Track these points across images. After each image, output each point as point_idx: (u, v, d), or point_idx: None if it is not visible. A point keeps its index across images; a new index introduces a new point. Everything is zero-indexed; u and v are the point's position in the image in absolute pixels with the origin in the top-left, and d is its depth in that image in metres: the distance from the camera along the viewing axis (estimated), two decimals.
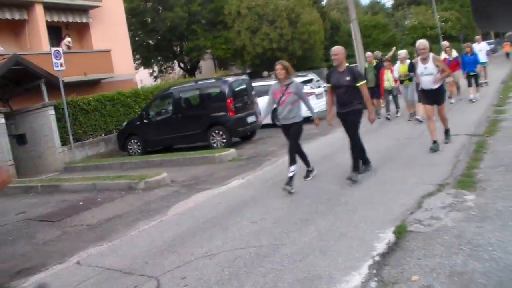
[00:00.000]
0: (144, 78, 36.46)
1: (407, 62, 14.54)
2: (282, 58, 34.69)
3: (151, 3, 38.52)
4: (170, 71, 42.25)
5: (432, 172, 7.93)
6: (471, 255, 4.50)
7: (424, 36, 52.69)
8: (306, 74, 21.08)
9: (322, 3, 50.36)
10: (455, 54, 17.67)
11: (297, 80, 8.05)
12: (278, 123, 8.84)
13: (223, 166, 11.90)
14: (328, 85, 8.54)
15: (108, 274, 5.63)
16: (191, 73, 40.19)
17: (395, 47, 21.32)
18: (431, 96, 9.66)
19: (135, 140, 16.70)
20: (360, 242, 5.30)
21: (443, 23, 55.59)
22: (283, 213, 7.01)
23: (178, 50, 40.87)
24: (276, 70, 8.39)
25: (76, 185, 12.02)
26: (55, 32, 23.98)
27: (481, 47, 20.52)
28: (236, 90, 15.36)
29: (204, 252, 5.83)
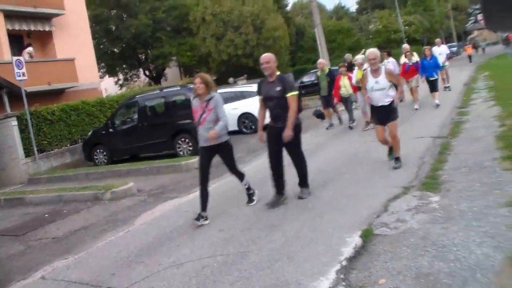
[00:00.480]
0: (109, 87, 36.17)
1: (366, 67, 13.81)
2: (248, 65, 35.24)
3: (115, 11, 38.24)
4: (135, 79, 41.99)
5: (398, 175, 8.00)
6: (436, 256, 4.58)
7: (388, 40, 53.56)
8: None
9: (287, 8, 50.65)
10: (415, 58, 17.18)
11: (218, 94, 7.42)
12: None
13: (190, 174, 11.84)
14: (259, 97, 7.75)
15: None
16: (156, 80, 40.01)
17: (364, 49, 21.41)
18: (383, 114, 8.56)
19: (101, 150, 16.52)
20: (327, 247, 5.34)
21: (406, 27, 56.45)
22: (250, 220, 7.01)
23: (143, 57, 40.70)
24: (195, 84, 7.37)
25: (41, 197, 11.85)
26: (17, 41, 23.58)
27: (441, 51, 20.35)
28: None
29: (171, 261, 5.82)
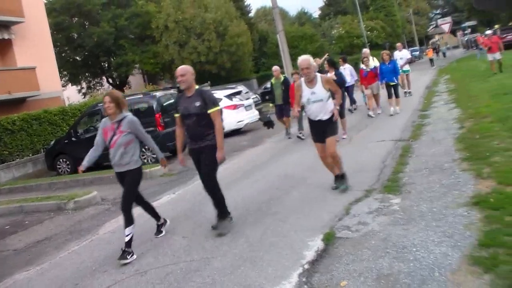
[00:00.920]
0: (72, 95, 35.72)
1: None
2: (211, 71, 35.33)
3: (77, 18, 37.84)
4: (99, 87, 41.57)
5: (360, 178, 8.10)
6: (396, 257, 4.68)
7: (351, 45, 54.18)
8: (235, 86, 21.28)
9: (250, 15, 50.86)
10: (373, 63, 16.68)
11: (131, 116, 6.52)
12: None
13: (154, 182, 11.81)
14: (176, 115, 6.88)
15: None
16: (120, 88, 39.65)
17: (327, 54, 21.53)
18: (321, 128, 7.52)
19: (64, 159, 16.34)
20: (290, 251, 5.40)
21: (369, 32, 57.22)
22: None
23: (106, 65, 40.38)
24: (104, 103, 6.45)
25: (2, 208, 11.59)
26: None
27: (402, 55, 20.26)
28: (164, 104, 15.30)
29: (135, 269, 5.81)
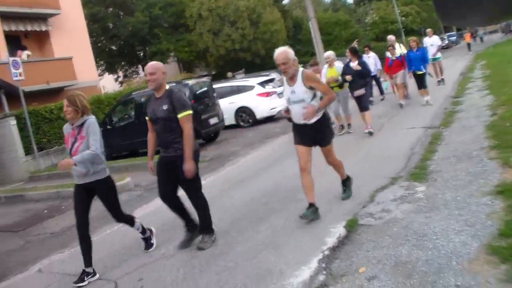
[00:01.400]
0: (110, 84, 36.32)
1: (336, 65, 11.98)
2: (245, 59, 35.35)
3: (111, 9, 38.39)
4: (135, 76, 42.13)
5: (387, 165, 8.10)
6: (416, 245, 4.70)
7: (386, 31, 53.47)
8: (268, 73, 21.28)
9: (284, 2, 50.73)
10: (400, 51, 15.69)
11: (93, 118, 5.83)
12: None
13: None
14: (146, 117, 6.13)
15: (69, 279, 5.74)
16: None
17: (357, 40, 21.23)
18: (306, 134, 6.22)
19: None
20: (312, 238, 5.48)
21: (403, 18, 56.35)
22: (240, 212, 7.17)
23: (142, 54, 40.81)
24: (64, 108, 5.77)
25: (41, 194, 12.04)
26: (14, 41, 23.77)
27: (432, 41, 18.64)
28: (197, 93, 15.49)
29: (162, 253, 6.02)
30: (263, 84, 18.76)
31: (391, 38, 16.52)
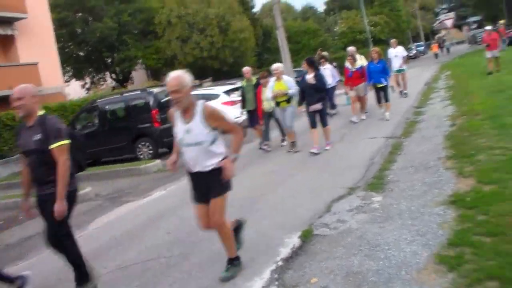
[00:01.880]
0: (76, 90, 35.93)
1: (285, 78, 11.34)
2: (213, 66, 35.33)
3: (80, 14, 37.99)
4: (102, 83, 41.78)
5: (346, 175, 8.15)
6: (368, 255, 4.74)
7: (354, 40, 53.87)
8: (234, 82, 21.26)
9: (254, 10, 50.84)
10: (361, 63, 14.72)
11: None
12: None
13: (149, 178, 11.94)
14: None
15: None
16: (123, 83, 39.83)
17: (320, 49, 21.10)
18: (203, 184, 4.85)
19: None
20: (266, 248, 5.48)
21: (372, 27, 56.86)
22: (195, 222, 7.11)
23: (110, 61, 40.49)
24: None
25: None
26: None
27: (397, 52, 18.52)
28: (162, 101, 15.39)
29: (116, 265, 5.95)
30: (228, 92, 18.75)
31: (352, 49, 15.80)
